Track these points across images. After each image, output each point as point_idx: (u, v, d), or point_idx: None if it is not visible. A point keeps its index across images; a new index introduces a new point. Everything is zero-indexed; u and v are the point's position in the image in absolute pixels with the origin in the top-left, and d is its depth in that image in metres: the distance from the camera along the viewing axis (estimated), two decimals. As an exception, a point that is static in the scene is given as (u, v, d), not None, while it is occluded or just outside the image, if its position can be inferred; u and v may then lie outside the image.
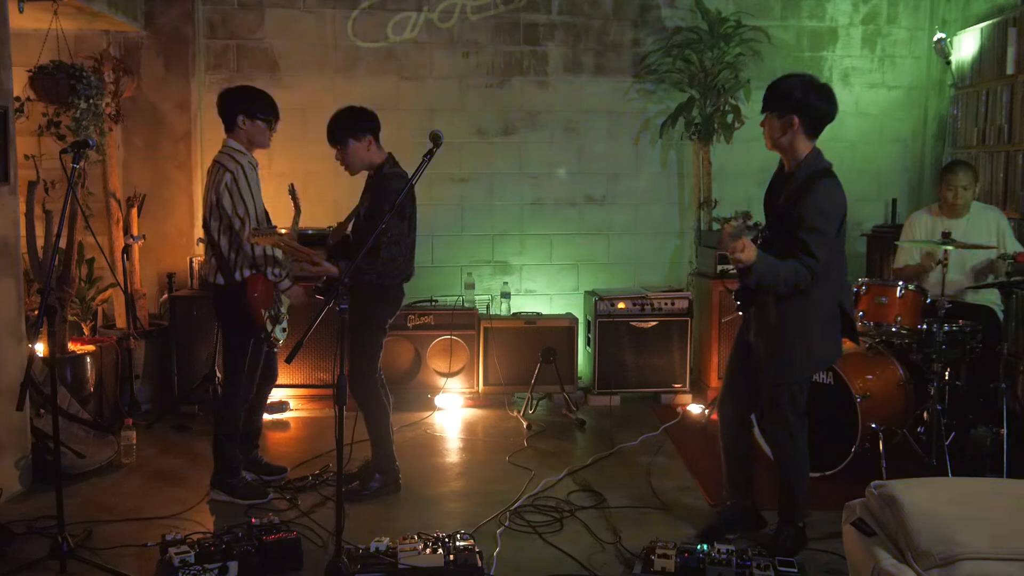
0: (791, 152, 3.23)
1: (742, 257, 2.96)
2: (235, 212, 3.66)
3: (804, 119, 3.16)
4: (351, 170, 3.88)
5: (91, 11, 4.79)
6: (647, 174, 6.08)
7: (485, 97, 5.88)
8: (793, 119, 3.16)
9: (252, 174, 3.71)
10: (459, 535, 3.21)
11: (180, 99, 5.53)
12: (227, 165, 3.68)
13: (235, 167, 3.67)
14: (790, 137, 3.19)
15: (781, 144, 3.24)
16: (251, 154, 3.80)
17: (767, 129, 3.27)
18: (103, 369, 4.82)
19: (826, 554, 3.34)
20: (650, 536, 3.37)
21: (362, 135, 3.79)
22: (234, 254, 3.72)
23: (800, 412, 3.32)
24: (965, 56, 5.53)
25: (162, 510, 3.74)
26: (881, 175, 6.19)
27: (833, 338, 3.33)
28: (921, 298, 4.23)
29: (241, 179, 3.65)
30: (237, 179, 3.65)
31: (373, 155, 3.84)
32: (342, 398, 2.87)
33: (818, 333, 3.24)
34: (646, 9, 5.91)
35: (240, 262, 3.73)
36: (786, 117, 3.17)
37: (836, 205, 3.14)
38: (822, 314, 3.24)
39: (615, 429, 4.99)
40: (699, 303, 5.66)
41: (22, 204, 4.28)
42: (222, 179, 3.66)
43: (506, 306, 5.70)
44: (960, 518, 2.30)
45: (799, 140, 3.19)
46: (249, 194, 3.67)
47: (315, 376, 5.39)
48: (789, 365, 3.26)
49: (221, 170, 3.69)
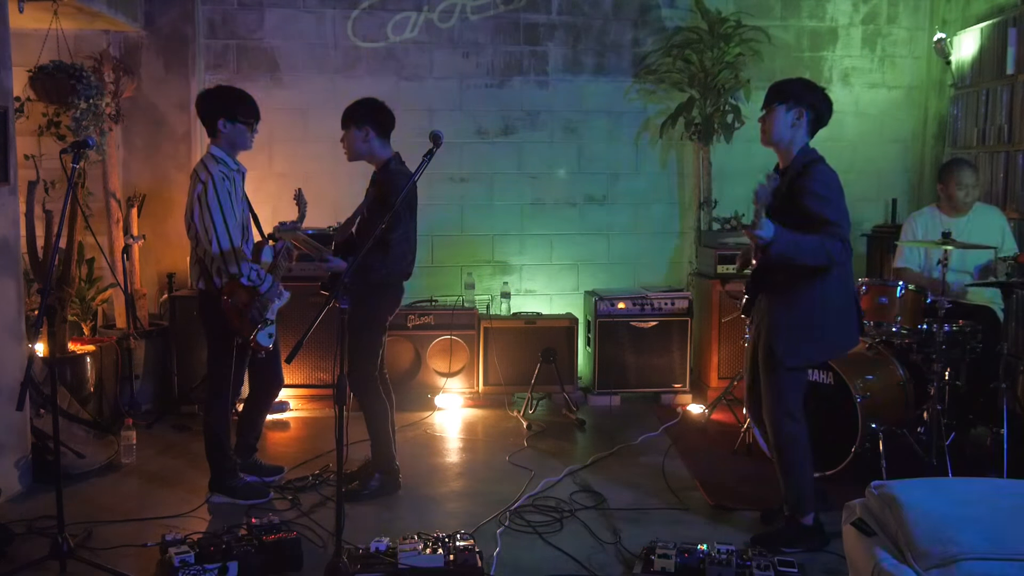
0: (789, 148, 3.31)
1: (760, 232, 2.97)
2: (203, 223, 3.66)
3: (811, 115, 3.28)
4: (348, 156, 3.93)
5: (91, 11, 4.79)
6: (647, 174, 6.08)
7: (485, 97, 5.88)
8: (801, 111, 3.26)
9: (223, 184, 3.68)
10: (459, 535, 3.20)
11: (180, 99, 5.53)
12: (199, 175, 3.70)
13: (206, 177, 3.66)
14: (796, 131, 3.27)
15: (783, 138, 3.30)
16: (231, 159, 3.79)
17: (770, 123, 3.31)
18: (103, 369, 4.82)
19: (826, 554, 3.34)
20: (650, 536, 3.37)
21: (362, 125, 3.83)
22: (209, 260, 3.71)
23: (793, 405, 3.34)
24: (965, 56, 5.53)
25: (162, 510, 3.74)
26: (881, 175, 6.19)
27: (848, 327, 3.35)
28: (921, 298, 4.23)
29: (210, 190, 3.64)
30: (207, 190, 3.65)
31: (374, 149, 3.86)
32: (342, 398, 2.87)
33: (828, 324, 3.27)
34: (646, 9, 5.92)
35: (215, 268, 3.72)
36: (798, 109, 3.26)
37: (832, 180, 3.21)
38: (839, 301, 3.28)
39: (615, 429, 4.99)
40: (699, 303, 5.66)
41: (22, 204, 4.28)
42: (195, 188, 3.69)
43: (506, 306, 5.70)
44: (960, 518, 2.30)
45: (800, 135, 3.29)
46: (217, 206, 3.64)
47: (315, 376, 5.39)
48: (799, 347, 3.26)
49: (195, 179, 3.71)
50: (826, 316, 3.27)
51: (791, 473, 3.41)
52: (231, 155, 3.79)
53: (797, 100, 3.28)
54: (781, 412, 3.36)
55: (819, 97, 3.31)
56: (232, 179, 3.75)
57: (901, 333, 4.22)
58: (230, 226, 3.68)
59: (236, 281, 3.71)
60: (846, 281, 3.30)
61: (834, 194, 3.17)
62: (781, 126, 3.28)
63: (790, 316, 3.28)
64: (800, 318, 3.27)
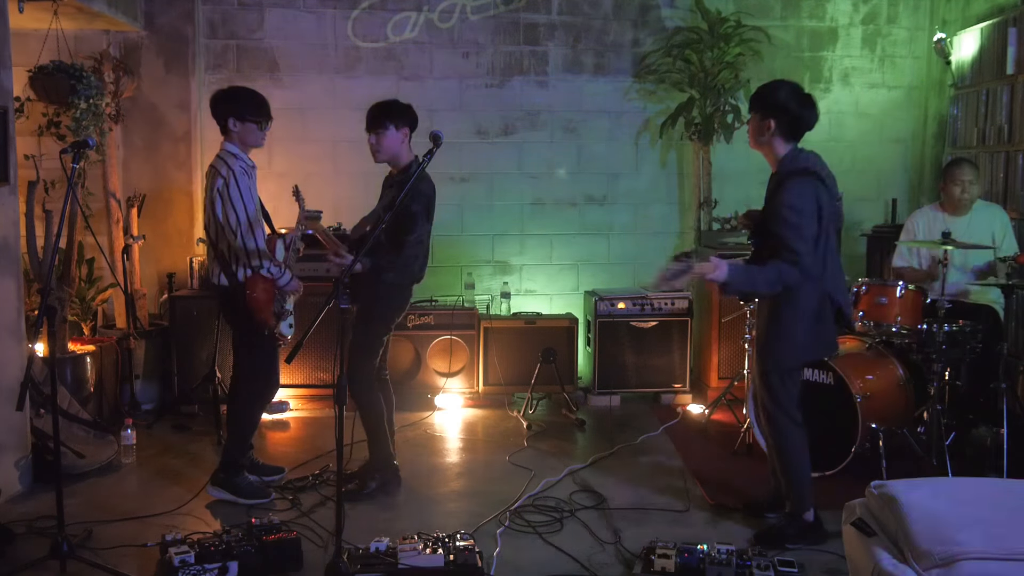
0: (770, 153, 3.40)
1: (714, 277, 3.11)
2: (226, 217, 3.68)
3: (780, 122, 3.33)
4: (380, 156, 3.87)
5: (91, 11, 4.79)
6: (647, 174, 6.08)
7: (485, 97, 5.88)
8: (769, 122, 3.33)
9: (244, 178, 3.71)
10: (459, 535, 3.21)
11: (180, 99, 5.53)
12: (220, 170, 3.72)
13: (227, 172, 3.69)
14: (767, 138, 3.37)
15: (760, 145, 3.42)
16: (246, 155, 3.81)
17: (749, 131, 3.46)
18: (103, 369, 4.82)
19: (826, 554, 3.34)
20: (650, 536, 3.37)
21: (402, 126, 3.82)
22: (233, 256, 3.74)
23: (787, 403, 3.39)
24: (965, 56, 5.52)
25: (162, 510, 3.74)
26: (881, 175, 6.19)
27: (821, 334, 3.37)
28: (921, 298, 4.23)
29: (232, 184, 3.67)
30: (228, 184, 3.67)
31: (403, 151, 3.85)
32: (342, 398, 2.88)
33: (802, 329, 3.33)
34: (646, 9, 5.92)
35: (239, 263, 3.74)
36: (763, 120, 3.35)
37: (805, 199, 3.23)
38: (805, 311, 3.31)
39: (615, 429, 4.99)
40: (699, 303, 5.66)
41: (22, 204, 4.28)
42: (214, 184, 3.70)
43: (506, 306, 5.70)
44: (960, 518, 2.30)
45: (776, 142, 3.36)
46: (240, 199, 3.67)
47: (315, 376, 5.39)
48: (774, 355, 3.40)
49: (215, 174, 3.73)
50: (801, 321, 3.32)
51: (789, 470, 3.45)
52: (244, 152, 3.82)
53: (763, 108, 3.36)
54: (775, 410, 3.42)
55: (788, 100, 3.31)
56: (250, 175, 3.78)
57: (901, 333, 4.22)
58: (252, 219, 3.71)
59: (258, 274, 3.74)
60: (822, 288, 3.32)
61: (804, 218, 3.21)
62: (755, 134, 3.41)
63: (771, 321, 3.38)
64: (778, 323, 3.36)
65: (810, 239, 3.21)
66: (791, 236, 3.19)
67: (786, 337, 3.34)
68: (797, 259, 3.18)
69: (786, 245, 3.20)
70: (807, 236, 3.20)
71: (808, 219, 3.21)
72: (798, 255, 3.18)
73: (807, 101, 3.35)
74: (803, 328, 3.32)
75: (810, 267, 3.22)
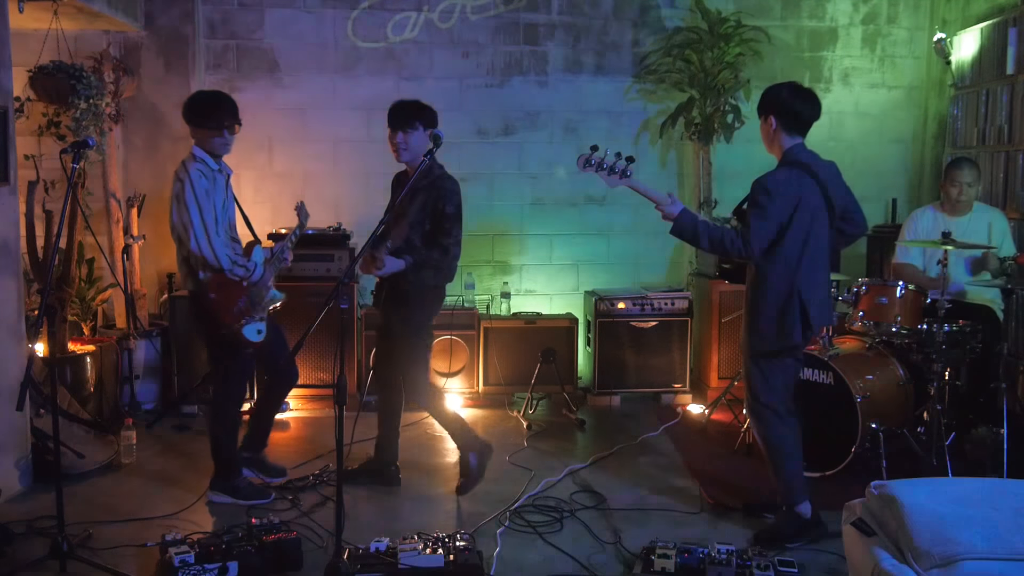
0: (777, 151, 3.46)
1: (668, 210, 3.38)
2: (180, 220, 3.68)
3: (780, 118, 3.40)
4: (405, 156, 3.85)
5: (91, 11, 4.79)
6: (647, 174, 6.06)
7: (485, 97, 5.88)
8: (771, 120, 3.41)
9: (201, 182, 3.68)
10: (459, 535, 3.21)
11: (180, 99, 5.40)
12: (179, 174, 3.73)
13: (184, 175, 3.69)
14: (773, 136, 3.44)
15: (771, 146, 3.48)
16: (210, 159, 3.78)
17: (761, 134, 3.53)
18: (103, 369, 4.82)
19: (826, 554, 3.34)
20: (650, 536, 3.37)
21: (429, 128, 3.83)
22: (193, 258, 3.72)
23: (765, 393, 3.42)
24: (965, 56, 5.52)
25: (162, 510, 3.74)
26: (881, 175, 6.19)
27: (783, 326, 3.36)
28: (921, 298, 4.23)
29: (187, 188, 3.66)
30: (184, 188, 3.67)
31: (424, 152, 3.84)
32: (342, 398, 2.88)
33: (765, 316, 3.39)
34: (646, 9, 5.92)
35: (199, 264, 3.72)
36: (766, 119, 3.43)
37: (778, 184, 3.31)
38: (770, 300, 3.37)
39: (615, 429, 4.99)
40: (699, 303, 5.66)
41: (22, 204, 4.28)
42: (173, 188, 3.72)
43: (506, 306, 5.70)
44: (960, 518, 2.31)
45: (781, 139, 3.43)
46: (195, 202, 3.65)
47: (315, 376, 5.38)
48: (746, 341, 3.48)
49: (175, 179, 3.74)
50: (766, 309, 3.38)
51: (775, 463, 3.48)
52: (212, 156, 3.80)
53: (763, 107, 3.45)
54: (753, 400, 3.48)
55: (785, 96, 3.39)
56: (212, 178, 3.75)
57: (901, 333, 4.22)
58: (207, 221, 3.68)
59: (220, 275, 3.72)
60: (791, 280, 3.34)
61: (772, 202, 3.28)
62: (764, 136, 3.50)
63: (745, 310, 3.49)
64: (749, 310, 3.46)
65: (772, 222, 3.28)
66: (753, 213, 3.30)
67: (752, 324, 3.44)
68: (748, 235, 3.27)
69: (745, 220, 3.33)
70: (769, 218, 3.28)
71: (777, 205, 3.28)
72: (750, 232, 3.27)
73: (806, 95, 3.41)
74: (766, 316, 3.38)
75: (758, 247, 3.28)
